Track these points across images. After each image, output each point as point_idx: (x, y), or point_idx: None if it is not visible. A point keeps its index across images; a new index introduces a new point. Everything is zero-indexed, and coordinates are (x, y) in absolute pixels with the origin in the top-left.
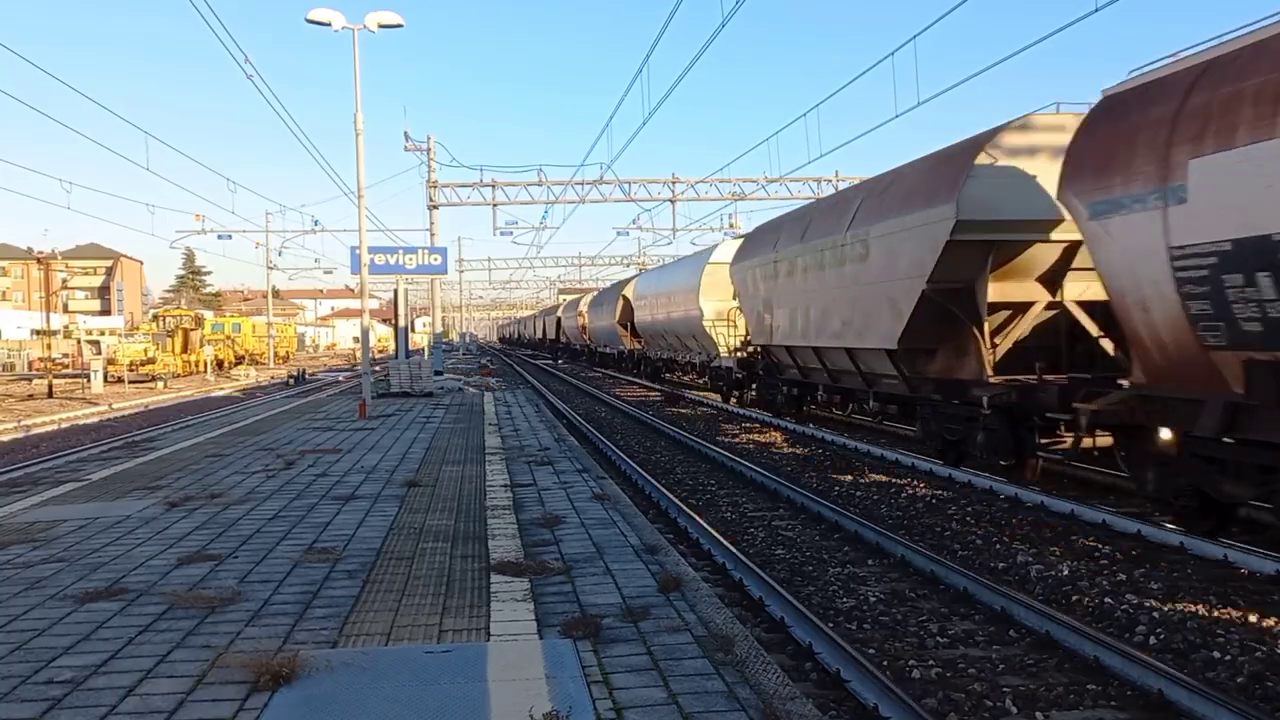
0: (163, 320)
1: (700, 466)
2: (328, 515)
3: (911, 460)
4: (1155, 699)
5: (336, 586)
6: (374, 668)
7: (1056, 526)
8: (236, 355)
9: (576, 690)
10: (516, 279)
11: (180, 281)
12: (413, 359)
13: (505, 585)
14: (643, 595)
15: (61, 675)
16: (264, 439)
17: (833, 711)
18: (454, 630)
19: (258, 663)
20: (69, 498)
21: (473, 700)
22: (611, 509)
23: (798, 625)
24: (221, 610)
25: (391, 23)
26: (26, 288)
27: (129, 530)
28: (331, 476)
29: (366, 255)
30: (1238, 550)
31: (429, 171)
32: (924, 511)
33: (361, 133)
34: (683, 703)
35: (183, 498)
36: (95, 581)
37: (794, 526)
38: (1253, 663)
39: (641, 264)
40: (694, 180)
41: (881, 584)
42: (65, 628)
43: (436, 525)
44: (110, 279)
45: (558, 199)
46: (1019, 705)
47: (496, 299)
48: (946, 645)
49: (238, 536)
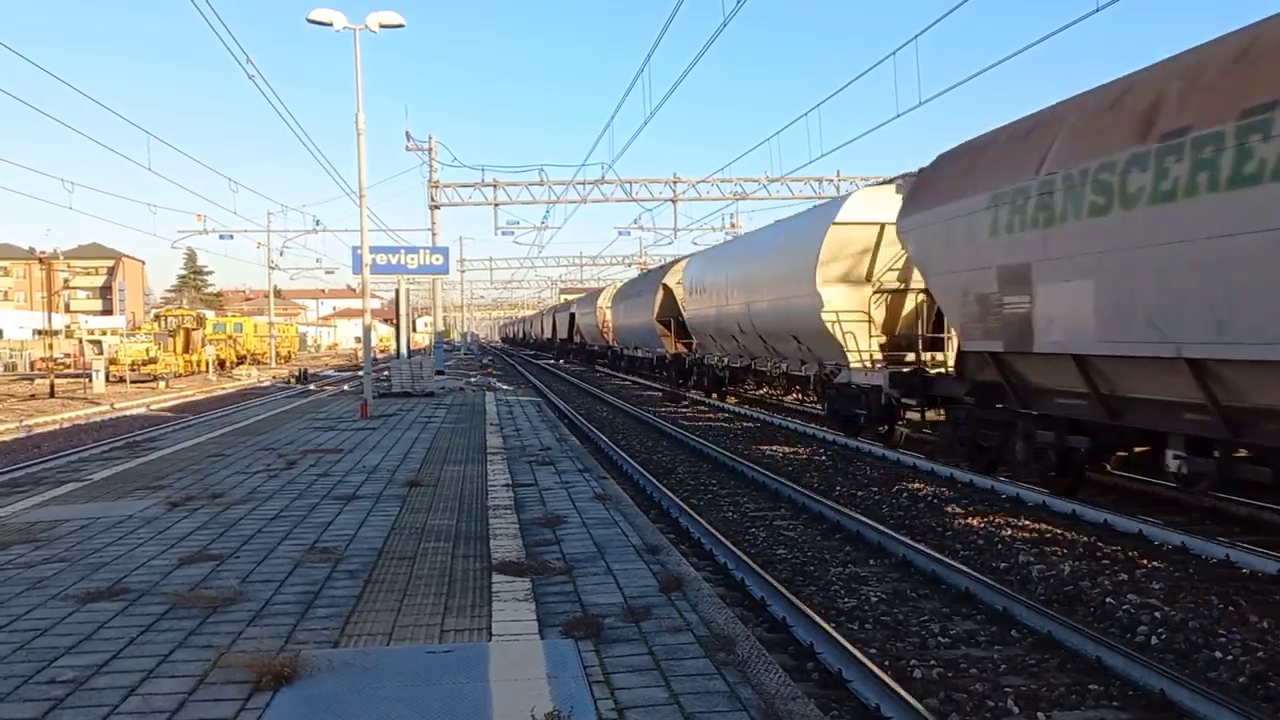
0: (164, 320)
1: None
2: (329, 515)
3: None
4: (1157, 699)
5: (338, 586)
6: (376, 668)
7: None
8: (238, 355)
9: (578, 690)
10: (518, 279)
11: (182, 281)
12: (414, 359)
13: (507, 585)
14: (644, 595)
15: (64, 675)
16: (265, 439)
17: (834, 711)
18: (455, 630)
19: (259, 662)
20: (70, 498)
21: (474, 700)
22: (612, 508)
23: (799, 625)
24: (223, 610)
25: (393, 23)
26: (29, 288)
27: (131, 530)
28: (333, 476)
29: (368, 255)
30: (1240, 550)
31: (430, 171)
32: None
33: (363, 133)
34: (684, 703)
35: (184, 498)
36: (97, 581)
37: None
38: (1255, 663)
39: (643, 264)
40: (695, 180)
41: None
42: (67, 628)
43: (438, 525)
44: (112, 279)
45: (559, 199)
46: (1021, 705)
47: (498, 299)
48: (948, 645)
49: (239, 536)
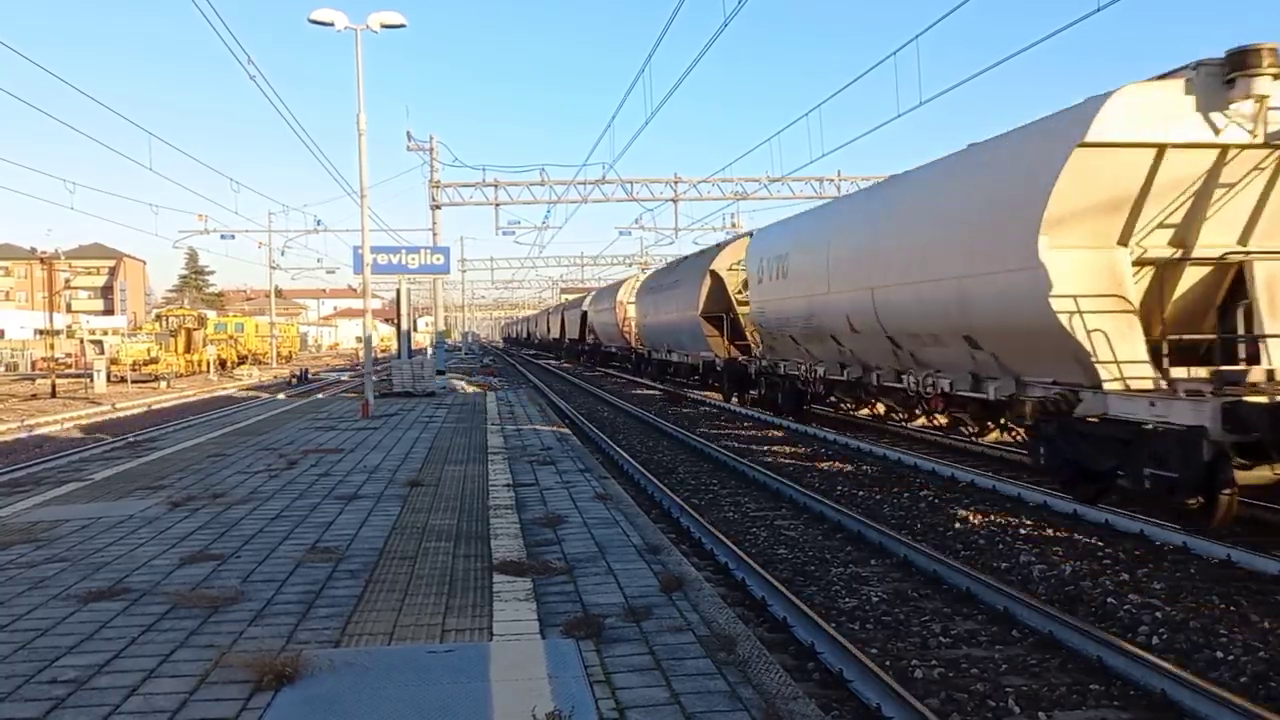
0: (166, 320)
1: None
2: (330, 515)
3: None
4: (1158, 699)
5: (339, 586)
6: (377, 667)
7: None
8: (239, 355)
9: (579, 690)
10: (519, 279)
11: (183, 281)
12: (415, 359)
13: (508, 585)
14: (645, 595)
15: (65, 675)
16: (266, 439)
17: (835, 711)
18: (456, 630)
19: (260, 662)
20: (72, 497)
21: (475, 700)
22: (613, 508)
23: (800, 625)
24: (224, 610)
25: (394, 23)
26: (30, 288)
27: (132, 530)
28: (334, 476)
29: (369, 255)
30: (1240, 550)
31: (431, 171)
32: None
33: (364, 133)
34: (685, 703)
35: (185, 497)
36: (98, 581)
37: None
38: (1255, 663)
39: (644, 263)
40: (696, 180)
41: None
42: (68, 627)
43: (439, 525)
44: (113, 279)
45: (560, 199)
46: (1022, 705)
47: (499, 299)
48: (949, 645)
49: (240, 536)
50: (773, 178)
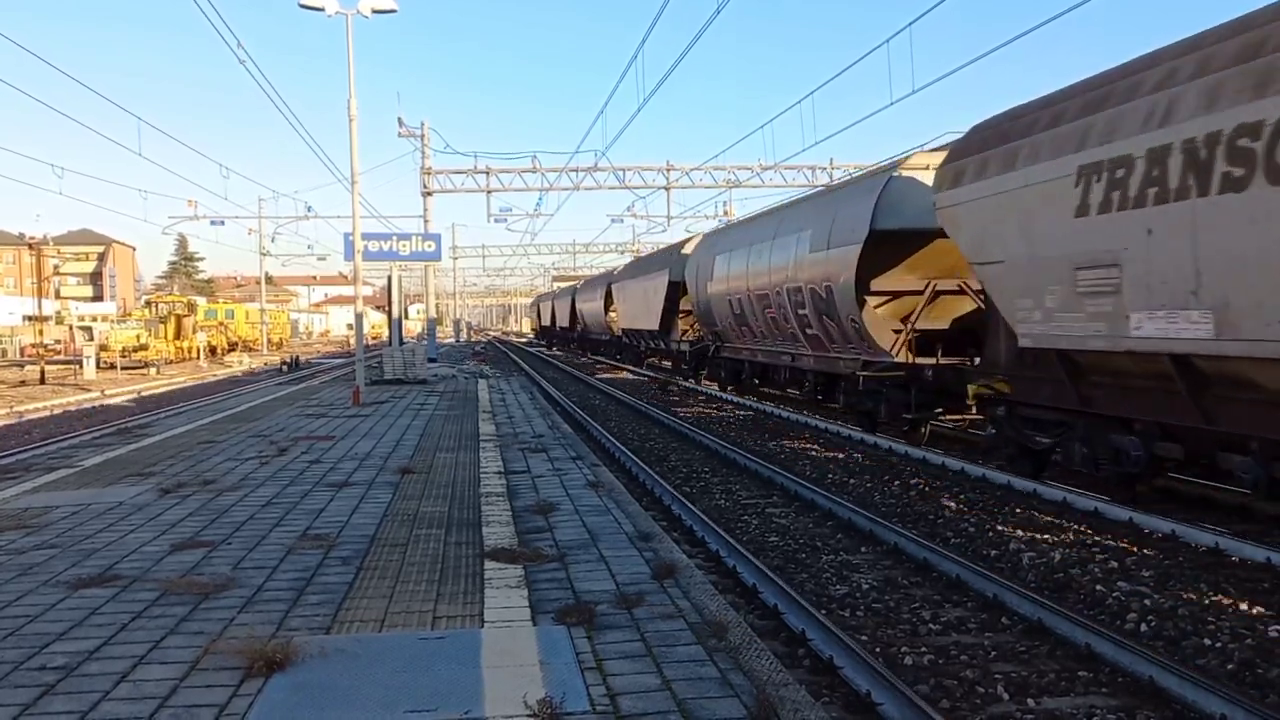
0: (155, 306)
1: None
2: (321, 502)
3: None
4: (1146, 686)
5: (330, 573)
6: (368, 654)
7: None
8: (229, 342)
9: (570, 676)
10: (511, 266)
11: (173, 267)
12: (406, 346)
13: (499, 572)
14: (636, 582)
15: (55, 661)
16: (257, 425)
17: (825, 698)
18: (448, 617)
19: (251, 649)
20: (61, 484)
21: (467, 686)
22: (605, 495)
23: (791, 612)
24: (215, 597)
25: (385, 8)
26: (18, 273)
27: (122, 517)
28: (325, 463)
29: (360, 241)
30: (1229, 538)
31: (423, 158)
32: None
33: (355, 119)
34: (676, 689)
35: (176, 484)
36: (88, 568)
37: None
38: (1243, 650)
39: (636, 250)
40: (689, 167)
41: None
42: (58, 614)
43: (430, 512)
44: (102, 265)
45: (552, 186)
46: (1011, 692)
47: (490, 286)
48: (939, 632)
49: (231, 523)
50: (765, 165)
